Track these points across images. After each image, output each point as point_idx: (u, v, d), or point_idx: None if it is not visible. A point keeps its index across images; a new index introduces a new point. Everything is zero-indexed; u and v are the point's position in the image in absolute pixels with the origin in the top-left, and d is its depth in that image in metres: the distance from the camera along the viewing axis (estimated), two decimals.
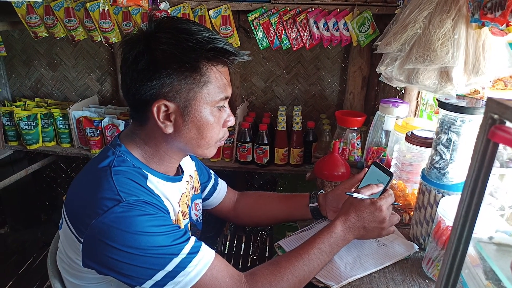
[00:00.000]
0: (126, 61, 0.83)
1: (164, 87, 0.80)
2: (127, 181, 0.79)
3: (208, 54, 0.81)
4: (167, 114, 0.83)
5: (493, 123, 0.42)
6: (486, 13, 0.83)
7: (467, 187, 0.45)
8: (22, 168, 2.26)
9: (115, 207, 0.74)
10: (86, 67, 2.34)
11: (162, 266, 0.74)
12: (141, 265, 0.74)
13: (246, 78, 2.24)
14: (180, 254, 0.76)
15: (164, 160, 0.90)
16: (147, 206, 0.78)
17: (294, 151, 1.92)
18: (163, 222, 0.78)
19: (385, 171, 1.02)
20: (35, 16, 1.92)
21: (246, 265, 2.37)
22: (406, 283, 0.88)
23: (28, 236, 2.51)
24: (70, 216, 0.80)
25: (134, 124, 0.90)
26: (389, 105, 1.37)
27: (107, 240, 0.73)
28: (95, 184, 0.79)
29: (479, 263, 0.57)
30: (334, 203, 1.10)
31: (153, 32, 0.82)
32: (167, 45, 0.79)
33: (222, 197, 1.22)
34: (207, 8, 1.81)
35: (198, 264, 0.77)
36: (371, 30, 1.76)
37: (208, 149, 0.91)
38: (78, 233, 0.77)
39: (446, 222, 0.82)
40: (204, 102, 0.84)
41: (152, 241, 0.74)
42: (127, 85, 0.84)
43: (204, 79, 0.82)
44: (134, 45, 0.82)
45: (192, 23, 0.83)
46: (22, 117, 2.05)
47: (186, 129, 0.85)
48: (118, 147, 0.87)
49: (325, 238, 0.91)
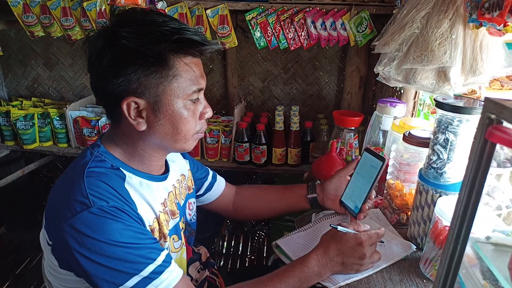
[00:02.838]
0: (90, 58, 0.80)
1: (132, 84, 0.78)
2: (99, 184, 0.77)
3: (174, 46, 0.78)
4: (138, 111, 0.81)
5: (490, 123, 0.42)
6: (483, 13, 0.83)
7: (464, 187, 0.45)
8: (18, 168, 2.25)
9: (84, 212, 0.72)
10: (83, 67, 2.33)
11: (122, 281, 0.72)
12: (102, 276, 0.72)
13: (243, 78, 2.24)
14: (143, 272, 0.73)
15: (144, 158, 0.88)
16: (118, 212, 0.75)
17: (291, 151, 1.92)
18: (133, 232, 0.75)
19: (377, 156, 1.02)
20: (31, 15, 1.90)
21: (244, 265, 2.37)
22: (404, 283, 0.88)
23: (24, 237, 2.50)
24: (46, 218, 0.79)
25: (111, 124, 0.88)
26: (386, 105, 1.37)
27: (74, 244, 0.71)
28: (67, 187, 0.78)
29: (476, 263, 0.57)
30: (331, 192, 1.13)
31: (113, 26, 0.78)
32: (128, 40, 0.75)
33: (221, 191, 1.22)
34: (205, 8, 1.80)
35: (160, 285, 0.74)
36: (369, 30, 1.76)
37: (187, 143, 0.88)
38: (48, 236, 0.76)
39: (443, 222, 0.82)
40: (175, 96, 0.81)
41: (118, 252, 0.72)
42: (94, 83, 0.82)
43: (172, 73, 0.79)
44: (96, 42, 0.79)
45: (156, 14, 0.80)
46: (18, 117, 2.04)
47: (160, 125, 0.82)
48: (97, 147, 0.85)
49: (297, 272, 0.86)
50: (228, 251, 2.49)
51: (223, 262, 2.39)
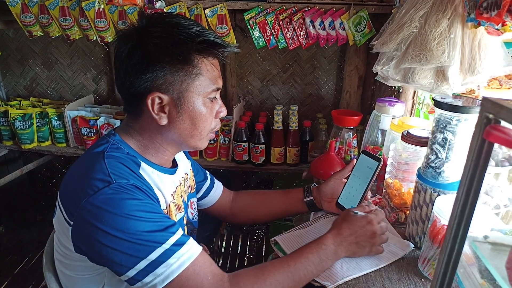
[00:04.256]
0: (120, 55, 0.85)
1: (158, 80, 0.83)
2: (119, 165, 0.80)
3: (199, 47, 0.84)
4: (161, 106, 0.85)
5: (488, 123, 0.42)
6: (482, 12, 0.83)
7: (462, 186, 0.45)
8: (17, 168, 2.25)
9: (105, 188, 0.74)
10: (82, 66, 2.33)
11: (145, 254, 0.73)
12: (125, 251, 0.73)
13: (242, 77, 2.24)
14: (165, 244, 0.75)
15: (159, 152, 0.92)
16: (137, 191, 0.78)
17: (290, 151, 1.92)
18: (152, 209, 0.78)
19: (374, 157, 1.06)
20: (29, 15, 1.90)
21: (243, 264, 2.38)
22: (402, 281, 0.88)
23: (23, 236, 2.50)
24: (63, 200, 0.80)
25: (129, 117, 0.92)
26: (385, 104, 1.37)
27: (95, 221, 0.73)
28: (87, 167, 0.80)
29: (474, 262, 0.57)
30: (327, 194, 1.15)
31: (145, 27, 0.84)
32: (159, 39, 0.82)
33: (219, 196, 1.23)
34: (203, 7, 1.81)
35: (182, 256, 0.76)
36: (367, 29, 1.76)
37: (201, 140, 0.93)
38: (68, 216, 0.77)
39: (441, 221, 0.82)
40: (197, 94, 0.86)
41: (139, 226, 0.74)
42: (121, 79, 0.86)
43: (196, 71, 0.85)
44: (127, 40, 0.84)
45: (182, 18, 0.86)
46: (17, 117, 2.04)
47: (180, 120, 0.87)
48: (112, 136, 0.89)
49: (315, 249, 0.89)
50: (227, 251, 2.49)
51: (222, 261, 2.39)
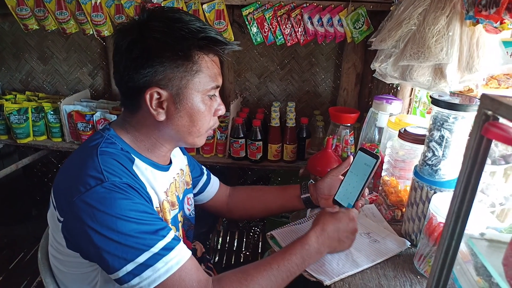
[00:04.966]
0: (119, 49, 0.83)
1: (157, 75, 0.81)
2: (112, 162, 0.79)
3: (200, 43, 0.82)
4: (159, 102, 0.84)
5: (487, 120, 0.42)
6: (480, 10, 0.83)
7: (460, 183, 0.45)
8: (12, 163, 2.23)
9: (98, 187, 0.74)
10: (78, 61, 2.31)
11: (133, 257, 0.73)
12: (113, 252, 0.72)
13: (240, 73, 2.23)
14: (153, 248, 0.74)
15: (155, 148, 0.91)
16: (130, 189, 0.77)
17: (287, 147, 1.92)
18: (144, 209, 0.77)
19: (371, 154, 1.04)
20: (25, 8, 1.88)
21: (239, 261, 2.38)
22: (398, 279, 0.88)
23: (18, 231, 2.48)
24: (56, 196, 0.80)
25: (125, 112, 0.90)
26: (382, 102, 1.37)
27: (86, 219, 0.72)
28: (80, 163, 0.79)
29: (470, 259, 0.57)
30: (324, 191, 1.14)
31: (146, 21, 0.83)
32: (160, 34, 0.80)
33: (215, 192, 1.23)
34: (201, 2, 1.79)
35: (170, 261, 0.75)
36: (366, 26, 1.76)
37: (199, 138, 0.92)
38: (59, 212, 0.77)
39: (437, 218, 0.82)
40: (196, 90, 0.85)
41: (129, 227, 0.73)
42: (120, 73, 0.84)
43: (196, 68, 0.84)
44: (127, 34, 0.82)
45: (183, 13, 0.85)
46: (12, 111, 2.02)
47: (178, 117, 0.86)
48: (107, 130, 0.88)
49: (298, 249, 0.88)
50: (223, 247, 2.49)
51: (218, 257, 2.39)
